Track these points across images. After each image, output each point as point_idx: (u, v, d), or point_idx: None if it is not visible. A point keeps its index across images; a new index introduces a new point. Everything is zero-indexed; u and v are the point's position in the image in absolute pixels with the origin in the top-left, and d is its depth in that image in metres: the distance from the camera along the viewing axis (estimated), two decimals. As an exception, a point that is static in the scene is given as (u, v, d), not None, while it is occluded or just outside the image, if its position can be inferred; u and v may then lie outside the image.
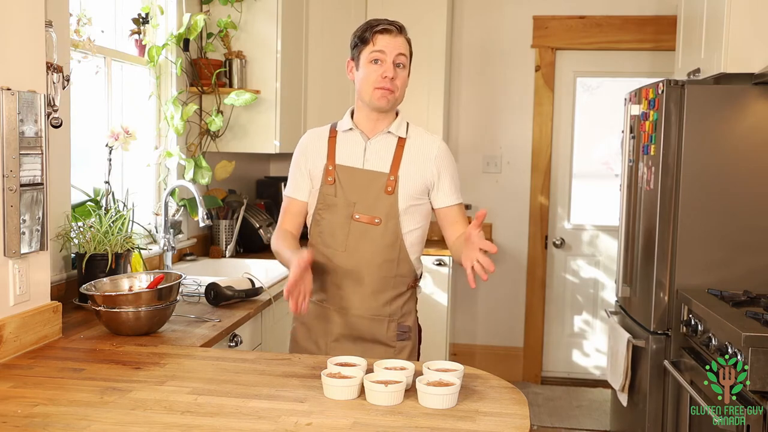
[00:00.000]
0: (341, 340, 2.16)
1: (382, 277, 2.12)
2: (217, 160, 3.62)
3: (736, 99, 2.98)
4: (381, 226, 2.09)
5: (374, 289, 2.12)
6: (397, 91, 2.09)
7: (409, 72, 2.14)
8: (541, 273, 4.82)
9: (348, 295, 2.14)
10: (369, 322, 2.14)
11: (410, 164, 2.12)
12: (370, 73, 2.08)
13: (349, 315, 2.15)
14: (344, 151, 2.15)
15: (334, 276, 2.14)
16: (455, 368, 1.66)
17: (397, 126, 2.15)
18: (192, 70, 3.47)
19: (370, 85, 2.09)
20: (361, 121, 2.16)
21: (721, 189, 2.99)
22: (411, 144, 2.15)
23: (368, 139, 2.15)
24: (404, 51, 2.10)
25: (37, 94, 1.96)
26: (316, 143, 2.20)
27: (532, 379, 4.85)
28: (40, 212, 1.98)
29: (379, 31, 2.08)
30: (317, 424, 1.44)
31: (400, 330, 2.16)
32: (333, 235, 2.13)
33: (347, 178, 2.12)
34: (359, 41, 2.12)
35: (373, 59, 2.08)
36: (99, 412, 1.50)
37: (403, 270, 2.14)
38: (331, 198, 2.13)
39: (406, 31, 2.14)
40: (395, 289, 2.15)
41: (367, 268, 2.11)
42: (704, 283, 2.98)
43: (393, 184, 2.10)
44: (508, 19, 4.73)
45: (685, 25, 3.73)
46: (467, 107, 4.81)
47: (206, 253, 3.65)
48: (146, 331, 2.12)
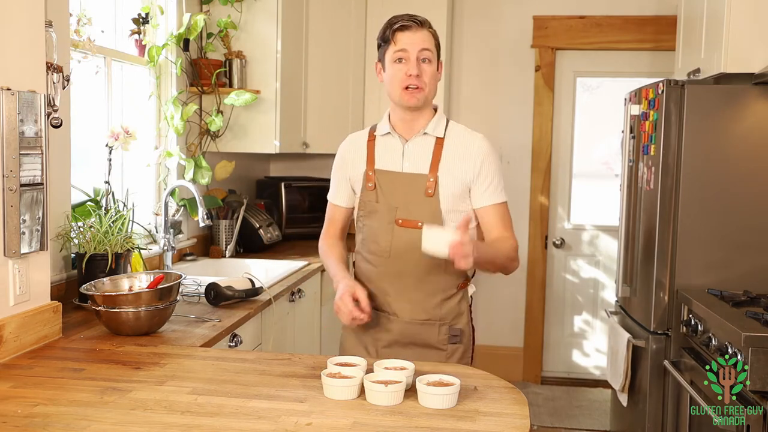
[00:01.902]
0: (393, 346, 2.12)
1: (430, 280, 2.07)
2: (217, 160, 3.62)
3: (736, 99, 2.98)
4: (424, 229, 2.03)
5: (423, 294, 2.08)
6: (425, 87, 2.03)
7: (439, 66, 2.08)
8: (541, 273, 4.82)
9: (397, 301, 2.10)
10: (419, 326, 2.10)
11: (449, 164, 2.07)
12: (395, 73, 2.04)
13: (399, 321, 2.11)
14: (383, 155, 2.12)
15: (381, 282, 2.11)
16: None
17: (434, 125, 2.10)
18: (192, 70, 3.47)
19: (397, 86, 2.04)
20: (398, 123, 2.12)
21: (721, 189, 2.99)
22: (449, 143, 2.09)
23: (406, 141, 2.10)
24: (428, 45, 2.04)
25: (37, 94, 1.96)
26: (355, 149, 2.17)
27: (532, 379, 4.85)
28: (40, 212, 1.98)
29: (399, 29, 2.03)
30: (317, 424, 1.44)
31: (451, 333, 2.11)
32: (376, 241, 2.10)
33: (387, 182, 2.09)
34: (382, 41, 2.08)
35: (397, 58, 2.03)
36: (99, 412, 1.50)
37: (450, 272, 2.07)
38: (373, 204, 2.10)
39: (429, 24, 2.08)
40: (444, 292, 2.10)
41: (414, 272, 2.07)
42: (704, 283, 2.98)
43: (433, 185, 2.05)
44: (508, 19, 4.72)
45: (685, 25, 3.73)
46: (467, 107, 4.80)
47: (206, 253, 3.65)
48: (146, 331, 2.12)
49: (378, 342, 2.14)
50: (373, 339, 2.14)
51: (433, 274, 2.07)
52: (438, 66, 2.09)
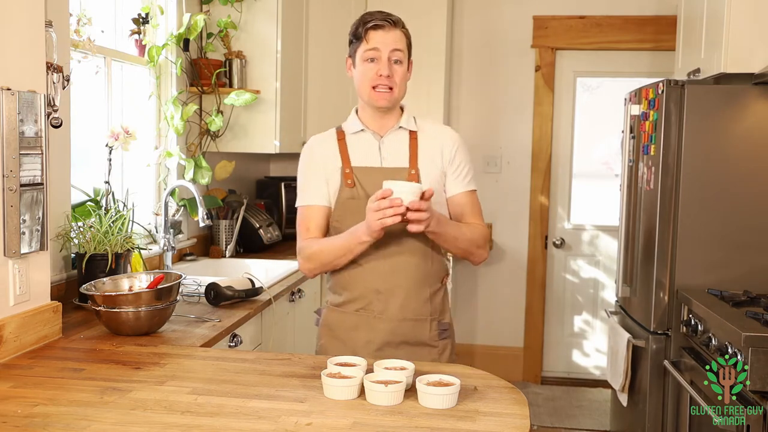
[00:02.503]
0: (384, 348, 2.04)
1: (419, 275, 2.05)
2: (217, 160, 3.62)
3: (736, 99, 2.98)
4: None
5: (414, 289, 2.05)
6: (395, 88, 2.01)
7: (409, 66, 2.07)
8: (541, 273, 4.82)
9: (388, 299, 2.04)
10: (412, 323, 2.06)
11: (426, 155, 2.07)
12: (365, 72, 2.02)
13: (392, 319, 2.05)
14: (358, 152, 2.07)
15: (370, 282, 2.04)
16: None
17: (406, 120, 2.09)
18: (192, 70, 3.47)
19: (367, 85, 2.03)
20: (368, 120, 2.09)
21: (721, 189, 2.99)
22: (423, 136, 2.09)
23: (381, 137, 2.08)
24: (400, 46, 2.01)
25: (37, 94, 1.96)
26: (325, 148, 2.10)
27: (532, 379, 4.85)
28: (40, 212, 1.98)
29: (372, 27, 1.99)
30: (317, 424, 1.44)
31: (440, 328, 2.10)
32: None
33: (367, 178, 2.04)
34: (354, 38, 2.05)
35: (369, 58, 2.01)
36: (99, 412, 1.50)
37: (436, 265, 2.08)
38: (354, 202, 2.04)
39: (402, 24, 2.05)
40: (431, 287, 2.08)
41: (404, 268, 2.03)
42: (704, 283, 2.98)
43: (415, 177, 2.03)
44: (508, 19, 4.72)
45: (685, 25, 3.73)
46: (467, 107, 4.81)
47: (206, 253, 3.65)
48: (146, 331, 2.12)
49: (370, 345, 2.06)
50: (364, 342, 2.07)
51: (421, 268, 2.05)
52: (408, 66, 2.07)
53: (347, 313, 2.09)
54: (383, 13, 2.03)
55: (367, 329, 2.07)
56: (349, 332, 2.09)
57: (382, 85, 2.01)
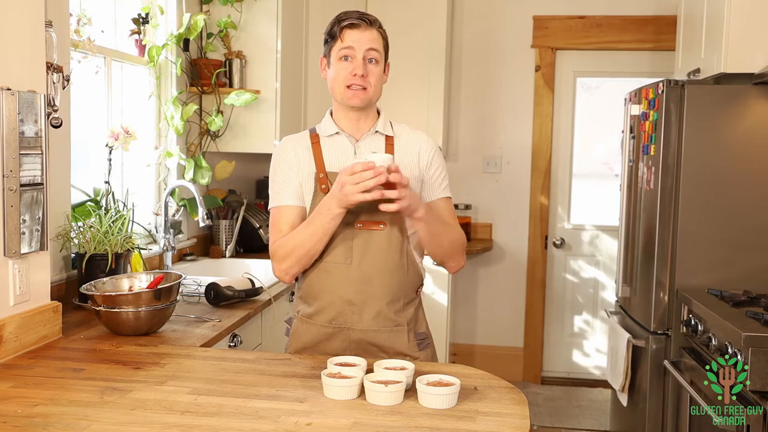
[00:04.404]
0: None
1: (395, 284, 1.97)
2: (217, 160, 3.62)
3: (736, 99, 2.98)
4: (386, 230, 1.94)
5: (389, 299, 1.96)
6: (369, 88, 1.95)
7: (386, 68, 2.02)
8: (541, 273, 4.82)
9: (362, 310, 1.96)
10: (388, 334, 1.98)
11: (403, 161, 2.00)
12: (339, 71, 1.95)
13: (366, 331, 1.97)
14: (333, 156, 1.99)
15: (343, 292, 1.95)
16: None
17: (382, 125, 2.04)
18: (192, 70, 3.47)
19: (340, 83, 1.96)
20: (343, 123, 2.02)
21: (721, 189, 2.99)
22: (400, 142, 2.04)
23: (356, 141, 2.01)
24: (376, 45, 1.95)
25: (37, 94, 1.96)
26: (299, 151, 2.02)
27: (532, 379, 4.85)
28: (40, 212, 1.98)
29: (348, 26, 1.93)
30: (317, 424, 1.44)
31: (418, 339, 2.03)
32: (333, 248, 1.95)
33: None
34: (329, 37, 1.99)
35: (343, 56, 1.94)
36: (99, 412, 1.50)
37: (411, 275, 2.02)
38: None
39: (379, 24, 1.98)
40: (407, 297, 2.02)
41: (379, 277, 1.95)
42: (704, 283, 2.98)
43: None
44: (508, 19, 4.73)
45: (685, 25, 3.73)
46: (467, 107, 4.81)
47: (206, 253, 3.65)
48: (146, 331, 2.12)
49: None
50: (337, 354, 1.94)
51: (397, 277, 1.98)
52: (385, 68, 2.02)
53: (317, 325, 2.00)
54: (360, 12, 1.98)
55: (340, 341, 1.99)
56: (322, 344, 2.00)
57: (356, 84, 1.95)
